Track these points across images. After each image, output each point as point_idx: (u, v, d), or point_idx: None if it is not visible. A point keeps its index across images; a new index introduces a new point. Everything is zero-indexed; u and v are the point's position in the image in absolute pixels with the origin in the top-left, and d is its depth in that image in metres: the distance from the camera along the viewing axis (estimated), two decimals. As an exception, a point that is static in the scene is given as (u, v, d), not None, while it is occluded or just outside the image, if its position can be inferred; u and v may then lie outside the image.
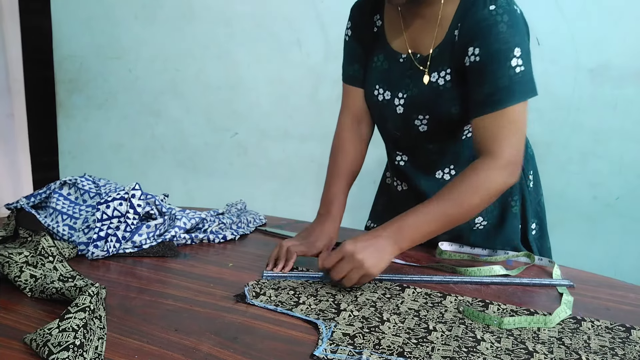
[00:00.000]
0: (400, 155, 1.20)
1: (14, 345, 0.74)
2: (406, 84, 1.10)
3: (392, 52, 1.12)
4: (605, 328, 0.86)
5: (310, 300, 0.92)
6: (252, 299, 0.91)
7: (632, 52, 1.95)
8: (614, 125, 2.01)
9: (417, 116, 1.10)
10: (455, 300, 0.94)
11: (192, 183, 2.67)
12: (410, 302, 0.92)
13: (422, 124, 1.10)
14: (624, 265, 2.09)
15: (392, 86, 1.12)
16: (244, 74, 2.47)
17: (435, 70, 1.05)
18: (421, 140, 1.14)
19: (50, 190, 1.22)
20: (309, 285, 0.98)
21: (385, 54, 1.13)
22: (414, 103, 1.09)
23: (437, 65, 1.05)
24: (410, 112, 1.10)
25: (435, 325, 0.84)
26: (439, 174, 1.17)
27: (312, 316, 0.86)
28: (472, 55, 0.98)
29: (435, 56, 1.05)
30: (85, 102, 2.75)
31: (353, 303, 0.91)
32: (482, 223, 1.21)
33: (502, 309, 0.91)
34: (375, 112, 1.19)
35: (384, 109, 1.15)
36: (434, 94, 1.06)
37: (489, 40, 0.96)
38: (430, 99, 1.07)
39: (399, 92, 1.11)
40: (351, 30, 1.20)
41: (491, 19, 0.96)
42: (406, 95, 1.10)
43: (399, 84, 1.11)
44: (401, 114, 1.12)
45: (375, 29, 1.15)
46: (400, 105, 1.12)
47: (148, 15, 2.54)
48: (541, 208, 1.29)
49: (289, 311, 0.87)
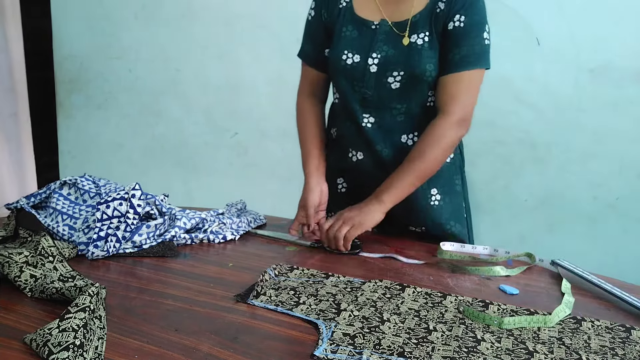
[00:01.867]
0: (367, 118, 1.26)
1: (14, 345, 0.74)
2: (379, 46, 1.22)
3: (362, 20, 1.24)
4: (605, 328, 0.86)
5: (310, 300, 0.91)
6: (252, 299, 0.91)
7: (632, 52, 1.95)
8: (614, 125, 2.01)
9: (392, 73, 1.21)
10: (455, 300, 0.94)
11: (192, 183, 2.67)
12: (411, 302, 0.92)
13: (395, 81, 1.21)
14: (624, 265, 2.09)
15: (363, 50, 1.23)
16: (244, 74, 2.46)
17: (414, 33, 1.20)
18: (391, 99, 1.23)
19: (50, 190, 1.22)
20: (309, 285, 0.98)
21: (354, 24, 1.25)
22: (389, 62, 1.21)
23: (416, 28, 1.20)
24: (385, 70, 1.21)
25: (436, 325, 0.84)
26: (404, 137, 1.26)
27: (312, 316, 0.85)
28: (458, 21, 1.16)
29: (415, 21, 1.20)
30: (85, 102, 2.75)
31: (353, 303, 0.91)
32: (436, 199, 1.29)
33: (502, 309, 0.91)
34: (342, 76, 1.26)
35: (353, 71, 1.24)
36: (413, 52, 1.19)
37: (472, 11, 1.16)
38: (408, 56, 1.19)
39: (372, 53, 1.22)
40: (314, 10, 1.31)
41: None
42: (380, 56, 1.21)
43: (372, 47, 1.22)
44: (374, 73, 1.22)
45: (342, 4, 1.27)
46: (374, 65, 1.22)
47: (148, 15, 2.55)
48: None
49: (289, 311, 0.87)
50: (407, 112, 1.24)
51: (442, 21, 1.18)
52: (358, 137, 1.28)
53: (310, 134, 1.35)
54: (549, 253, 1.18)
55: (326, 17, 1.29)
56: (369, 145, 1.28)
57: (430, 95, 1.24)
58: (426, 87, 1.22)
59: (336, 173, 1.38)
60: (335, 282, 1.00)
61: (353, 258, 1.16)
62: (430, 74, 1.19)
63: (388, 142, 1.26)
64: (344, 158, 1.34)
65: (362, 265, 1.12)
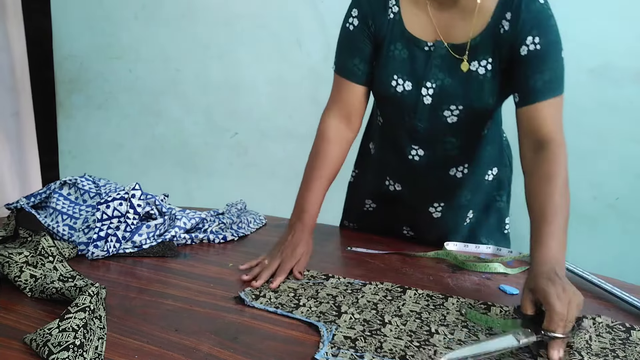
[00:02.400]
0: (415, 151, 1.13)
1: (14, 345, 0.74)
2: (434, 73, 1.05)
3: (414, 39, 1.06)
4: (606, 326, 0.86)
5: (310, 302, 0.91)
6: (252, 301, 0.91)
7: (632, 52, 1.95)
8: (614, 125, 2.00)
9: (449, 107, 1.06)
10: (457, 302, 0.93)
11: (192, 183, 2.67)
12: (412, 305, 0.92)
13: (452, 115, 1.07)
14: (625, 265, 2.09)
15: (416, 76, 1.06)
16: (244, 74, 2.46)
17: (475, 59, 1.03)
18: (445, 132, 1.09)
19: (50, 190, 1.22)
20: (309, 287, 0.98)
21: (405, 42, 1.06)
22: (446, 93, 1.05)
23: (476, 54, 1.03)
24: (441, 102, 1.06)
25: (438, 328, 0.83)
26: (453, 170, 1.14)
27: (313, 318, 0.85)
28: (532, 44, 0.98)
29: (475, 45, 1.02)
30: (85, 102, 2.74)
31: (354, 305, 0.90)
32: (469, 217, 1.22)
33: (504, 311, 0.91)
34: (390, 104, 1.12)
35: (404, 101, 1.08)
36: (473, 83, 1.04)
37: (547, 31, 0.99)
38: (468, 88, 1.04)
39: (426, 82, 1.06)
40: (358, 19, 1.09)
41: (545, 12, 0.99)
42: (435, 85, 1.05)
43: (426, 74, 1.06)
44: (429, 105, 1.07)
45: (390, 15, 1.07)
46: (429, 96, 1.06)
47: (148, 15, 2.54)
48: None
49: (290, 313, 0.87)
50: (462, 146, 1.12)
51: (508, 44, 1.00)
52: (401, 169, 1.18)
53: (324, 169, 1.13)
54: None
55: (374, 28, 1.08)
56: (413, 179, 1.17)
57: (488, 125, 1.12)
58: (486, 119, 1.10)
59: (365, 193, 1.30)
60: (335, 284, 0.99)
61: (353, 258, 1.16)
62: (493, 107, 1.07)
63: (434, 176, 1.15)
64: (379, 184, 1.24)
65: (362, 265, 1.12)
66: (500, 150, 1.23)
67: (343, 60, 1.13)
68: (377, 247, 1.21)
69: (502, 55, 1.02)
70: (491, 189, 1.23)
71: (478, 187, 1.19)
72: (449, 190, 1.17)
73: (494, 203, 1.24)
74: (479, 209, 1.23)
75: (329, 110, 1.16)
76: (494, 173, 1.21)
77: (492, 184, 1.22)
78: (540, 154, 0.97)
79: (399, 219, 1.26)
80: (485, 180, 1.20)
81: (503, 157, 1.23)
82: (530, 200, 0.94)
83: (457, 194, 1.18)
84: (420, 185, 1.18)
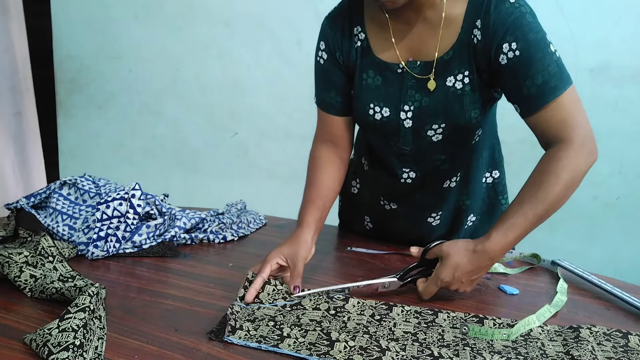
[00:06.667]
0: (407, 173, 1.11)
1: (14, 345, 0.75)
2: (410, 95, 1.02)
3: (384, 64, 1.03)
4: (603, 334, 0.84)
5: (295, 331, 0.81)
6: (229, 335, 0.79)
7: (632, 52, 1.95)
8: (614, 125, 2.00)
9: (431, 126, 1.02)
10: (447, 317, 0.89)
11: (191, 183, 2.67)
12: (403, 324, 0.86)
13: (436, 134, 1.03)
14: (624, 265, 2.09)
15: (392, 101, 1.03)
16: (244, 74, 2.46)
17: (450, 75, 0.99)
18: (433, 151, 1.07)
19: (50, 190, 1.22)
20: (287, 313, 0.88)
21: (376, 69, 1.04)
22: (425, 113, 1.02)
23: (450, 69, 0.98)
24: (422, 123, 1.03)
25: (440, 350, 0.79)
26: (447, 183, 1.13)
27: (304, 352, 0.76)
28: (510, 51, 0.92)
29: (448, 59, 0.98)
30: (85, 102, 2.74)
31: (344, 331, 0.82)
32: (472, 220, 1.21)
33: (498, 324, 0.88)
34: (372, 131, 1.10)
35: (385, 127, 1.05)
36: (452, 100, 1.00)
37: (522, 32, 0.91)
38: (446, 105, 1.00)
39: (403, 106, 1.03)
40: (326, 52, 1.08)
41: (516, 12, 0.92)
42: (413, 107, 1.02)
43: (402, 97, 1.03)
44: (410, 127, 1.04)
45: (357, 43, 1.05)
46: (408, 119, 1.03)
47: (148, 15, 2.54)
48: None
49: (276, 348, 0.77)
50: (452, 160, 1.09)
51: (486, 55, 0.95)
52: (395, 190, 1.16)
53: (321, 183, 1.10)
54: (549, 253, 1.17)
55: (342, 58, 1.07)
56: (407, 197, 1.16)
57: (477, 134, 1.07)
58: (472, 131, 1.05)
59: (363, 210, 1.29)
60: (315, 303, 0.91)
61: (353, 258, 1.16)
62: (477, 121, 1.01)
63: (429, 191, 1.14)
64: (375, 203, 1.22)
65: (362, 265, 1.12)
66: (498, 152, 1.22)
67: (320, 93, 1.13)
68: (377, 247, 1.21)
69: (482, 66, 0.97)
70: (492, 192, 1.21)
71: (475, 192, 1.18)
72: (445, 200, 1.16)
73: (498, 206, 1.22)
74: (481, 212, 1.21)
75: (317, 138, 1.16)
76: (494, 176, 1.20)
77: (493, 187, 1.21)
78: (548, 152, 0.96)
79: (399, 232, 1.25)
80: (483, 184, 1.19)
81: (501, 159, 1.23)
82: None
83: (454, 201, 1.17)
84: (415, 203, 1.16)
